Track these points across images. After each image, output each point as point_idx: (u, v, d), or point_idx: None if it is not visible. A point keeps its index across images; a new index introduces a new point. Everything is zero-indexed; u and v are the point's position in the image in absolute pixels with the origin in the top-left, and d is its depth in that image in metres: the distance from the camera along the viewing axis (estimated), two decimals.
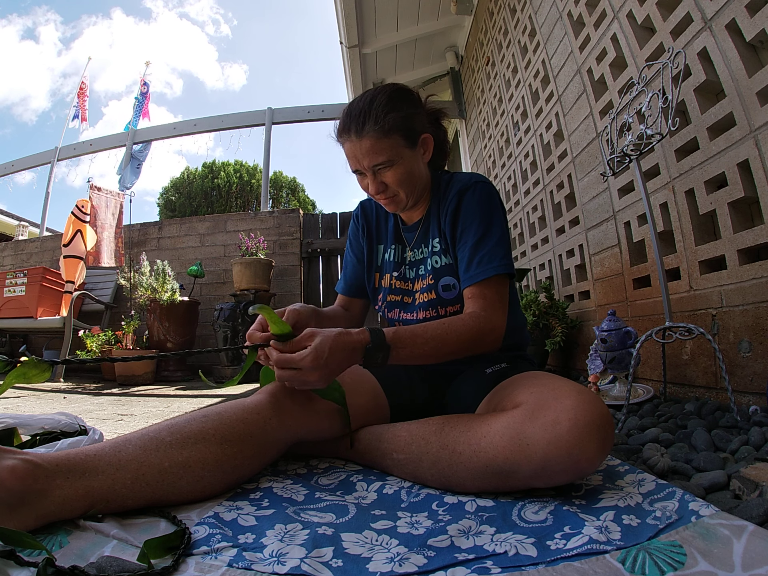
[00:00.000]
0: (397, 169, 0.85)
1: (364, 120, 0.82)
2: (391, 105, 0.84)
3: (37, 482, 0.53)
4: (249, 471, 0.72)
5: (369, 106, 0.83)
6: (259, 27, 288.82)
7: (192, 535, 0.54)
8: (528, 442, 0.61)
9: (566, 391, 0.64)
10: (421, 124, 0.89)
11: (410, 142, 0.87)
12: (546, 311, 2.13)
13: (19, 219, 7.57)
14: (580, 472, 0.61)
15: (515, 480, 0.63)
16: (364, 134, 0.82)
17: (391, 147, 0.83)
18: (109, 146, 5.05)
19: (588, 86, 1.92)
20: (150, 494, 0.60)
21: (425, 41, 4.27)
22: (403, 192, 0.89)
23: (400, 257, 1.01)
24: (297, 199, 13.88)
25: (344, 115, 0.87)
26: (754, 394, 1.15)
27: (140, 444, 0.62)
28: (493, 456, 0.63)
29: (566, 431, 0.59)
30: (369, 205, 1.06)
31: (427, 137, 0.91)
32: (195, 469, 0.63)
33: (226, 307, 3.06)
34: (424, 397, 0.96)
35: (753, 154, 1.13)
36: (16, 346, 3.82)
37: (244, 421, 0.70)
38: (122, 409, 1.77)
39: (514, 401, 0.69)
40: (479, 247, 0.85)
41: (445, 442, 0.69)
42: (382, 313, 1.03)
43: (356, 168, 0.87)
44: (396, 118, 0.83)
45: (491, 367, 0.91)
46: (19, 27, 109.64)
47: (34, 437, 0.89)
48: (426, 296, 0.94)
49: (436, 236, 0.94)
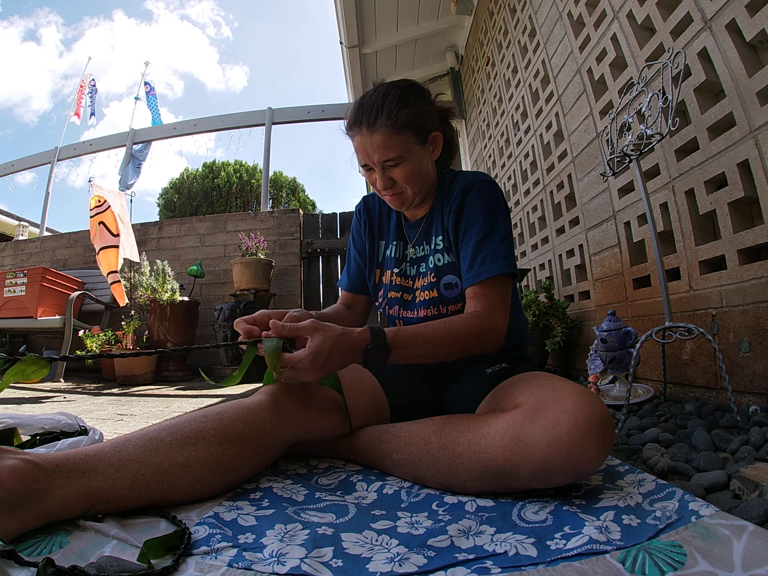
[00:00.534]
0: (406, 166, 0.85)
1: (376, 114, 0.82)
2: (405, 101, 0.83)
3: (37, 482, 0.53)
4: (249, 471, 0.71)
5: (382, 101, 0.83)
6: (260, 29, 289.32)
7: (192, 535, 0.54)
8: (528, 443, 0.61)
9: (566, 391, 0.64)
10: (431, 122, 0.89)
11: (421, 139, 0.86)
12: (546, 311, 2.13)
13: (19, 219, 7.57)
14: (581, 473, 0.61)
15: (515, 481, 0.63)
16: (376, 128, 0.82)
17: (402, 143, 0.83)
18: (109, 146, 5.06)
19: (588, 86, 1.92)
20: (150, 494, 0.60)
21: (425, 41, 4.27)
22: (411, 189, 0.88)
23: (401, 254, 1.00)
24: (297, 199, 13.88)
25: (356, 108, 0.86)
26: (754, 394, 1.15)
27: (140, 444, 0.62)
28: (492, 457, 0.63)
29: (566, 432, 0.59)
30: (372, 200, 1.06)
31: (437, 135, 0.91)
32: (195, 469, 0.63)
33: (226, 307, 3.06)
34: (424, 397, 0.96)
35: (753, 154, 1.13)
36: (16, 346, 3.82)
37: (244, 422, 0.70)
38: (122, 409, 1.77)
39: (514, 402, 0.69)
40: (482, 246, 0.85)
41: (445, 443, 0.69)
42: (382, 310, 1.02)
43: (365, 162, 0.86)
44: (409, 115, 0.82)
45: (492, 367, 0.90)
46: (20, 28, 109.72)
47: (34, 437, 0.89)
48: (427, 294, 0.93)
49: (439, 234, 0.94)
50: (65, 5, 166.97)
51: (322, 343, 0.68)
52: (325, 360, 0.68)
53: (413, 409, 0.91)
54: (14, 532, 0.51)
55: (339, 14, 3.63)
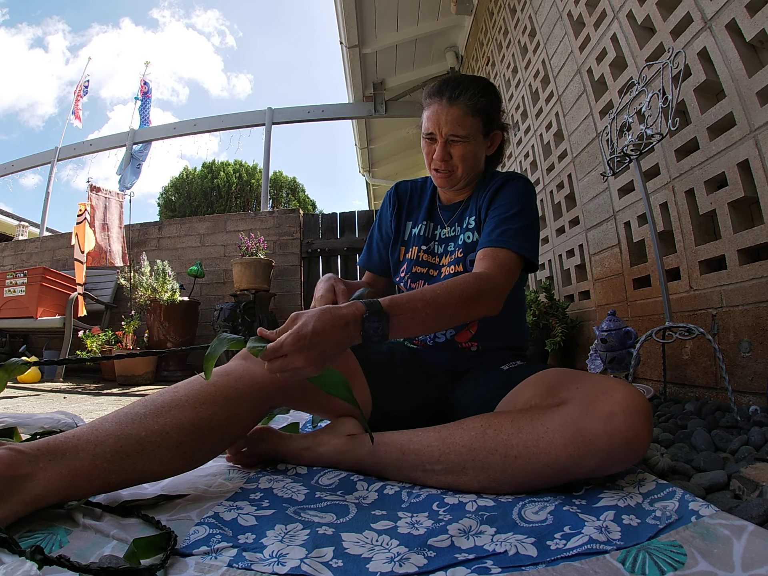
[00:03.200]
0: (466, 147, 0.90)
1: (461, 91, 0.88)
2: (487, 92, 0.91)
3: (22, 467, 0.55)
4: (228, 434, 0.72)
5: (469, 83, 0.90)
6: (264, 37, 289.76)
7: (177, 537, 0.53)
8: (589, 437, 0.61)
9: (611, 384, 0.66)
10: (498, 121, 0.97)
11: (486, 130, 0.93)
12: (546, 311, 2.13)
13: (19, 219, 7.57)
14: (636, 459, 0.63)
15: (575, 475, 0.64)
16: (457, 103, 0.88)
17: (472, 126, 0.89)
18: (109, 146, 5.06)
19: (588, 86, 1.92)
20: (132, 466, 0.61)
21: (425, 41, 4.27)
22: (462, 169, 0.92)
23: (430, 233, 1.03)
24: (297, 199, 13.87)
25: (440, 82, 0.92)
26: (754, 394, 1.15)
27: (116, 420, 0.64)
28: (555, 456, 0.63)
29: (623, 422, 0.60)
30: (404, 186, 1.10)
31: (497, 134, 0.98)
32: (172, 435, 0.64)
33: (226, 307, 3.06)
34: (430, 398, 0.94)
35: (753, 154, 1.13)
36: (16, 346, 3.82)
37: (215, 385, 0.71)
38: None
39: (558, 397, 0.68)
40: (507, 221, 0.87)
41: (493, 447, 0.66)
42: (404, 284, 1.03)
43: (432, 131, 0.90)
44: (487, 104, 0.91)
45: (507, 365, 0.90)
46: (29, 35, 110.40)
47: (34, 436, 0.89)
48: (453, 269, 0.95)
49: (472, 215, 0.97)
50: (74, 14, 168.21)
51: (304, 322, 0.62)
52: (311, 338, 0.60)
53: (419, 412, 0.90)
54: (4, 520, 0.51)
55: (339, 14, 3.63)
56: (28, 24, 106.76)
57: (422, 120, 0.94)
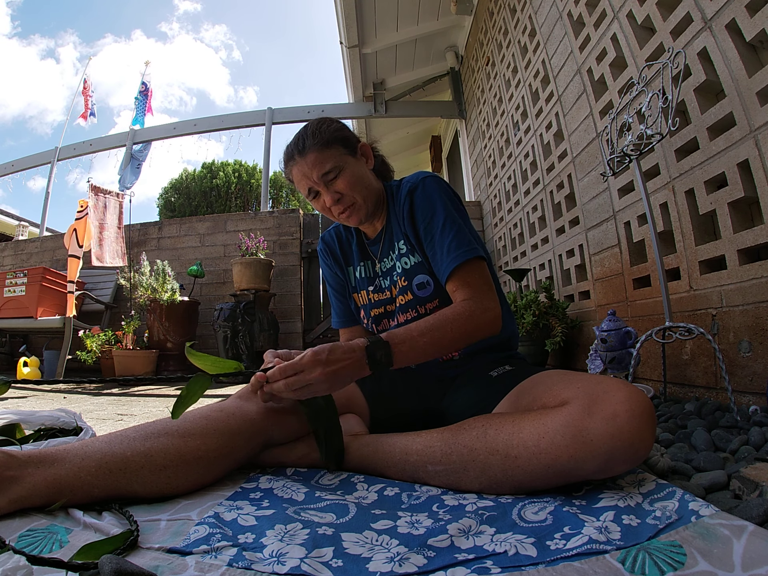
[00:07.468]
0: (345, 175, 0.89)
1: (303, 141, 0.89)
2: (323, 124, 0.91)
3: (10, 470, 0.59)
4: (216, 466, 0.72)
5: (304, 131, 0.91)
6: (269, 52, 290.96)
7: (140, 536, 0.54)
8: (591, 438, 0.60)
9: (612, 384, 0.65)
10: (353, 136, 0.95)
11: (350, 150, 0.92)
12: (546, 311, 2.13)
13: (19, 219, 7.58)
14: (639, 460, 0.62)
15: (576, 477, 0.63)
16: (307, 151, 0.88)
17: (334, 155, 0.88)
18: (109, 146, 5.06)
19: (588, 86, 1.92)
20: (114, 482, 0.63)
21: (425, 41, 4.27)
22: (359, 196, 0.90)
23: (371, 272, 1.03)
24: (297, 199, 13.86)
25: (285, 151, 0.93)
26: (754, 394, 1.15)
27: (106, 439, 0.68)
28: (555, 456, 0.62)
29: (626, 422, 0.59)
30: (329, 236, 1.09)
31: (364, 145, 0.96)
32: (156, 459, 0.66)
33: (226, 307, 3.06)
34: (418, 406, 0.95)
35: (753, 154, 1.13)
36: (16, 346, 3.83)
37: (207, 418, 0.73)
38: (122, 409, 1.77)
39: (558, 397, 0.67)
40: (443, 239, 0.87)
41: (494, 447, 0.66)
42: (371, 329, 1.04)
43: (309, 186, 0.90)
44: (331, 131, 0.90)
45: (495, 371, 0.89)
46: (42, 47, 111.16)
47: (37, 432, 0.91)
48: (403, 299, 0.95)
49: (400, 239, 0.96)
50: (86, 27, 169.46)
51: (318, 347, 0.70)
52: (328, 356, 0.69)
53: (405, 418, 0.91)
54: None
55: (339, 14, 3.64)
56: (41, 35, 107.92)
57: (297, 188, 0.94)
